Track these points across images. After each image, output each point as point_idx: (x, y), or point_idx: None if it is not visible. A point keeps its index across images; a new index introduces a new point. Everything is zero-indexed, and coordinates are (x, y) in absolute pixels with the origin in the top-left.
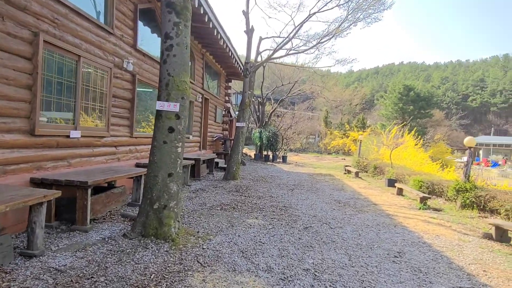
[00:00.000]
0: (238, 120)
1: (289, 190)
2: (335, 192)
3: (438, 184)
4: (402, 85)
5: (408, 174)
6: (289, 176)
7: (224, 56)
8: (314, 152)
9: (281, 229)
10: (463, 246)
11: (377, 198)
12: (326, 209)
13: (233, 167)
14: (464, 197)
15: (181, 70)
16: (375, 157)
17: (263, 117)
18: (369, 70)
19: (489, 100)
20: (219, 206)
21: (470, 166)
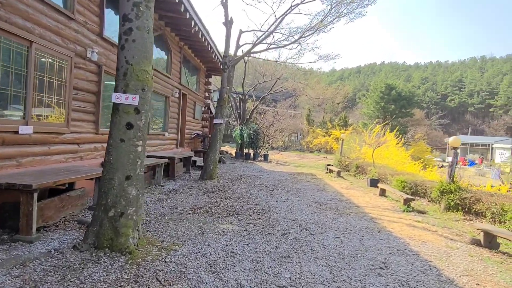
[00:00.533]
0: (216, 117)
1: (269, 191)
2: (317, 193)
3: (421, 184)
4: (384, 84)
5: (391, 174)
6: (270, 175)
7: (203, 50)
8: (296, 151)
9: (257, 236)
10: (451, 254)
11: (360, 199)
12: (307, 212)
13: (210, 166)
14: (448, 199)
15: (141, 57)
16: (357, 156)
17: (244, 114)
18: (351, 69)
19: (466, 101)
20: (192, 210)
21: (454, 166)
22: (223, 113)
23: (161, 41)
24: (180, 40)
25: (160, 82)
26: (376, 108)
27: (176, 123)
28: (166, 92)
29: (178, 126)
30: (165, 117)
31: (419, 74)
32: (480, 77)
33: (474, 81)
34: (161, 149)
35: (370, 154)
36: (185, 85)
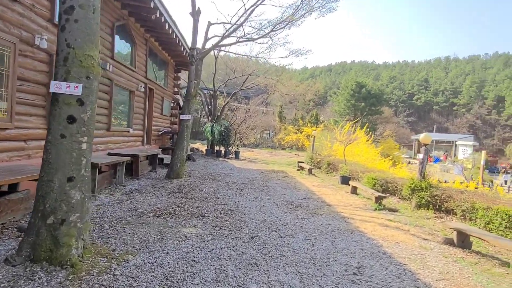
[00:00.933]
0: (182, 112)
1: (238, 190)
2: (287, 192)
3: (392, 182)
4: (354, 82)
5: (362, 171)
6: (240, 173)
7: (170, 43)
8: (268, 148)
9: (223, 241)
10: (425, 256)
11: (331, 197)
12: (277, 212)
13: (176, 164)
14: (419, 197)
15: (85, 40)
16: (328, 153)
17: (215, 110)
18: (322, 67)
19: (432, 99)
20: (153, 212)
21: (425, 163)
22: (191, 109)
23: (125, 32)
24: (146, 31)
25: (123, 75)
26: (347, 105)
27: (142, 119)
28: (130, 86)
29: (144, 122)
30: (130, 113)
31: (387, 73)
32: (444, 76)
33: (439, 81)
34: (125, 147)
35: (341, 151)
36: (152, 80)
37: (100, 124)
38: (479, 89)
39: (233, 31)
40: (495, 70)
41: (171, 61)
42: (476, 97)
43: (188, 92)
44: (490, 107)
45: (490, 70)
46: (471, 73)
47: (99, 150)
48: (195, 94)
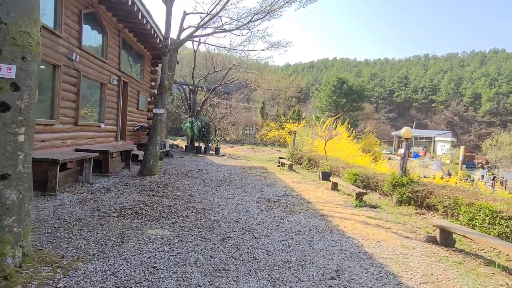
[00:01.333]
0: (156, 106)
1: (215, 187)
2: (266, 188)
3: (373, 177)
4: (336, 78)
5: (343, 167)
6: (219, 169)
7: (145, 34)
8: (250, 144)
9: (190, 243)
10: (408, 256)
11: (311, 194)
12: (253, 210)
13: (149, 161)
14: (400, 192)
15: (21, 15)
16: (309, 148)
17: (194, 106)
18: (304, 64)
19: (411, 96)
20: (118, 212)
21: (406, 158)
22: (164, 102)
23: (94, 21)
24: (119, 21)
25: (93, 66)
26: (329, 101)
27: (116, 114)
28: (101, 79)
29: (118, 117)
30: (101, 107)
31: (368, 70)
32: (423, 74)
33: (418, 78)
34: (95, 142)
35: (322, 147)
36: (126, 73)
37: (66, 118)
38: (456, 86)
39: (209, 20)
40: (472, 68)
41: (147, 54)
42: (454, 94)
43: (161, 84)
44: (467, 104)
45: (467, 67)
46: (449, 71)
47: (64, 145)
48: (169, 86)
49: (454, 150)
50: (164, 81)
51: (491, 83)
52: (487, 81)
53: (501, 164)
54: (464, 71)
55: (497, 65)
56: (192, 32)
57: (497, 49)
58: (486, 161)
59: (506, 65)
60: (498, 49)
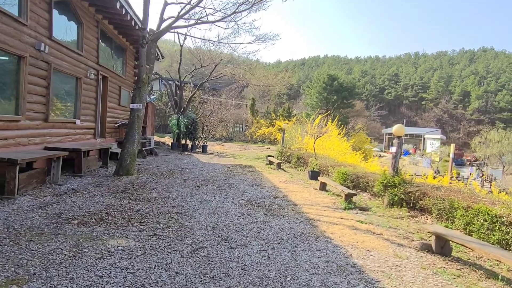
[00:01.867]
0: (133, 101)
1: (196, 188)
2: (251, 189)
3: (363, 177)
4: (326, 75)
5: (332, 166)
6: (204, 168)
7: (126, 26)
8: (240, 141)
9: (155, 257)
10: (401, 268)
11: (298, 195)
12: (233, 214)
13: (126, 160)
14: (392, 194)
15: None
16: (299, 146)
17: (181, 102)
18: (296, 61)
19: (402, 94)
20: (80, 218)
21: (399, 157)
22: (142, 97)
23: (68, 10)
24: (97, 12)
25: (66, 59)
26: (319, 98)
27: (94, 110)
28: (76, 72)
29: (96, 113)
30: (76, 102)
31: (359, 68)
32: (414, 71)
33: (409, 76)
34: (70, 140)
35: (312, 145)
36: (106, 67)
37: (34, 113)
38: (446, 84)
39: (190, 9)
40: (461, 66)
41: (130, 47)
42: (444, 92)
43: (139, 78)
44: (457, 102)
45: (457, 65)
46: (439, 69)
47: (32, 143)
48: (147, 81)
49: (444, 148)
50: (142, 75)
51: (480, 81)
52: (476, 79)
53: (489, 162)
54: (454, 69)
55: (485, 63)
56: (171, 22)
57: (485, 48)
58: (475, 158)
59: (494, 63)
60: (487, 48)
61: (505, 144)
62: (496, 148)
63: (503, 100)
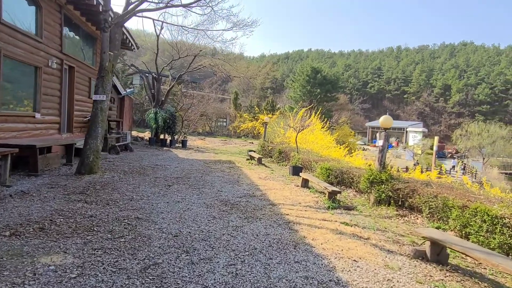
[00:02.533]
0: (96, 92)
1: (166, 187)
2: (227, 187)
3: (348, 172)
4: (310, 68)
5: (315, 160)
6: (180, 164)
7: (94, 12)
8: (223, 136)
9: (93, 279)
10: (394, 282)
11: (278, 193)
12: (202, 218)
13: (89, 157)
14: (379, 191)
15: None
16: (281, 140)
17: (158, 95)
18: (280, 55)
19: (384, 87)
20: (15, 228)
21: (385, 152)
22: (106, 87)
23: None
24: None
25: (20, 45)
26: (303, 92)
27: (58, 103)
28: (34, 61)
29: (61, 107)
30: (36, 94)
31: (343, 61)
32: (396, 65)
33: (391, 69)
34: (28, 135)
35: (294, 138)
36: (72, 56)
37: None
38: (427, 78)
39: None
40: (442, 60)
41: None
42: (425, 85)
43: (101, 66)
44: (438, 95)
45: (438, 59)
46: (420, 62)
47: None
48: (111, 69)
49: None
50: (105, 62)
51: (460, 74)
52: (457, 72)
53: (469, 154)
54: (435, 62)
55: (465, 57)
56: (138, 2)
57: (465, 42)
58: (456, 150)
59: (474, 57)
60: (467, 42)
61: (485, 136)
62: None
63: (483, 93)
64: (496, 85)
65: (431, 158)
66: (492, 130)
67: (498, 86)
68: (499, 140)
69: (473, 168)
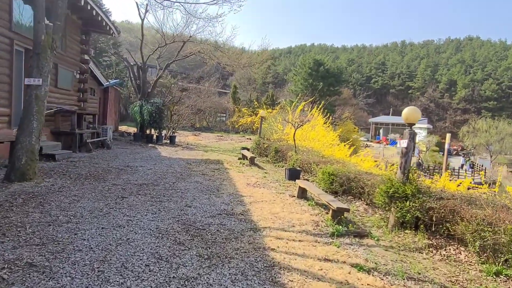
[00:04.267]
0: (29, 75)
1: (117, 200)
2: (200, 199)
3: (356, 179)
4: (312, 60)
5: (316, 162)
6: (155, 166)
7: None
8: (221, 131)
9: None
10: None
11: (266, 209)
12: (140, 260)
13: (20, 159)
14: (402, 209)
15: None
16: (279, 137)
17: (144, 86)
18: (282, 49)
19: (388, 82)
20: None
21: (411, 156)
22: (43, 68)
23: None
24: None
25: None
26: (304, 85)
27: (8, 91)
28: None
29: (11, 96)
30: None
31: (346, 56)
32: (400, 60)
33: (395, 64)
34: None
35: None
36: (28, 37)
37: None
38: (433, 73)
39: None
40: (448, 55)
41: (72, 17)
42: (430, 81)
43: (35, 41)
44: (443, 91)
45: (443, 54)
46: (425, 57)
47: None
48: (50, 44)
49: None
50: (40, 35)
51: (466, 69)
52: (463, 67)
53: (476, 151)
54: (440, 57)
55: (472, 52)
56: None
57: (471, 36)
58: (461, 147)
59: (480, 52)
60: (473, 36)
61: (492, 133)
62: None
63: (489, 89)
64: (503, 81)
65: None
66: (501, 127)
67: (506, 82)
68: (507, 137)
69: (482, 166)
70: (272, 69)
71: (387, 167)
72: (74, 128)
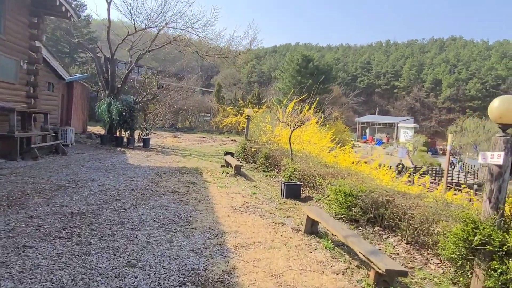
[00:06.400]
0: None
1: (9, 253)
2: (159, 243)
3: (387, 201)
4: (300, 56)
5: (321, 175)
6: (112, 180)
7: None
8: (204, 132)
9: None
10: None
11: (261, 262)
12: None
13: None
14: (500, 276)
15: None
16: (268, 139)
17: (113, 81)
18: (267, 48)
19: (374, 82)
20: None
21: (507, 181)
22: None
23: None
24: None
25: None
26: (292, 83)
27: None
28: None
29: None
30: None
31: (331, 55)
32: (385, 59)
33: (381, 64)
34: None
35: (285, 137)
36: None
37: None
38: (418, 72)
39: None
40: (432, 54)
41: None
42: (415, 80)
43: None
44: (428, 90)
45: (428, 54)
46: (410, 57)
47: None
48: None
49: (418, 137)
50: None
51: (451, 69)
52: (447, 67)
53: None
54: (425, 57)
55: (456, 52)
56: None
57: (455, 36)
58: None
59: (464, 52)
60: (456, 36)
61: (480, 133)
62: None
63: (474, 88)
64: (487, 80)
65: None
66: (489, 126)
67: (489, 82)
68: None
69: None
70: (257, 68)
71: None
72: (13, 130)
